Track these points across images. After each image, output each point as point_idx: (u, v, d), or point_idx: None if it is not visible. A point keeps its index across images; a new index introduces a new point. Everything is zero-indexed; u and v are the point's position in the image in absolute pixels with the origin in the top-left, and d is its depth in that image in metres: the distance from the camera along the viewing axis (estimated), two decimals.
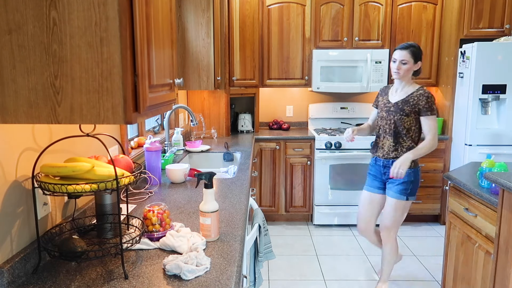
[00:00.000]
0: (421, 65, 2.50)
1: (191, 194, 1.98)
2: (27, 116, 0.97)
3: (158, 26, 1.16)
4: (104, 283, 1.12)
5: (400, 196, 2.52)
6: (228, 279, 1.14)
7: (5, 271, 1.07)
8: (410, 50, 2.44)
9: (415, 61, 2.47)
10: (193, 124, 2.74)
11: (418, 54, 2.47)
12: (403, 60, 2.44)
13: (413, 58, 2.45)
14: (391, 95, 2.60)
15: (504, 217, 1.73)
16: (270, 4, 3.95)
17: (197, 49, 2.69)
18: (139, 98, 0.99)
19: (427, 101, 2.43)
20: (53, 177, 1.17)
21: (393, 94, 2.58)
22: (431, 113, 2.44)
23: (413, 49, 2.44)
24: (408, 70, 2.46)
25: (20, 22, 0.93)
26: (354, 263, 3.23)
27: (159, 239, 1.37)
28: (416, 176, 2.52)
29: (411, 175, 2.49)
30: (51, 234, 1.26)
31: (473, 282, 2.11)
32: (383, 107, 2.60)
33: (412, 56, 2.45)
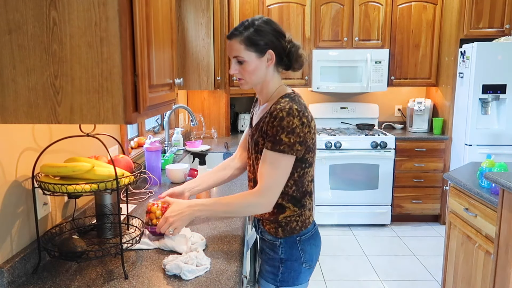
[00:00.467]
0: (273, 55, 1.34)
1: None
2: (27, 116, 0.97)
3: (158, 26, 1.16)
4: (104, 283, 1.12)
5: (267, 284, 1.46)
6: (228, 279, 1.14)
7: (5, 271, 1.07)
8: (244, 36, 1.32)
9: (258, 52, 1.33)
10: (193, 124, 2.74)
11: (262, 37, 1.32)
12: (237, 56, 1.34)
13: (253, 49, 1.32)
14: (255, 112, 1.53)
15: (504, 217, 1.73)
16: (270, 4, 3.95)
17: (197, 49, 2.69)
18: (139, 98, 0.99)
19: (273, 123, 1.28)
20: (53, 177, 1.17)
21: (256, 112, 1.51)
22: (272, 145, 1.28)
23: (250, 33, 1.31)
24: (253, 72, 1.35)
25: (20, 22, 0.93)
26: (354, 263, 3.23)
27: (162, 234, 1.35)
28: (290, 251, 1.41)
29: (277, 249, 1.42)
30: (51, 234, 1.26)
31: (473, 282, 2.11)
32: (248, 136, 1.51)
33: (248, 46, 1.32)
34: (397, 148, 3.86)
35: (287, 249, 1.41)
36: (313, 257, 1.45)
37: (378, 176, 3.85)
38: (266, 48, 1.33)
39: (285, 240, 1.41)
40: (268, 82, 1.40)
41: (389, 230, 3.90)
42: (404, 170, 3.91)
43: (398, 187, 3.93)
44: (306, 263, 1.43)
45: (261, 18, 1.35)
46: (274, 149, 1.28)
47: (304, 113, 1.30)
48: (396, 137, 3.86)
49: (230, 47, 1.36)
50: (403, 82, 4.09)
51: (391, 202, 3.94)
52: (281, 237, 1.41)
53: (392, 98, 4.46)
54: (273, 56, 1.35)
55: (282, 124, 1.27)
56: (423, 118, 4.10)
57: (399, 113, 4.48)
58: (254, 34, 1.32)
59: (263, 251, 1.49)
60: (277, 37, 1.35)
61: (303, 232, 1.41)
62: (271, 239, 1.44)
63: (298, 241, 1.41)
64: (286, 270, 1.42)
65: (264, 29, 1.33)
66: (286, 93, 1.37)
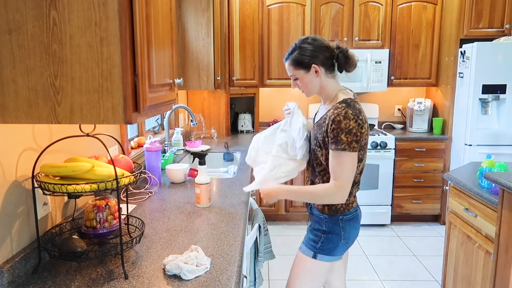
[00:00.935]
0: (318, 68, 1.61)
1: (191, 194, 1.98)
2: (27, 116, 0.97)
3: (158, 26, 1.16)
4: (104, 283, 1.12)
5: (307, 249, 1.73)
6: (228, 279, 1.14)
7: (5, 271, 1.07)
8: (291, 59, 1.64)
9: (305, 68, 1.62)
10: (193, 124, 2.74)
11: (305, 57, 1.61)
12: (291, 75, 1.68)
13: (301, 67, 1.62)
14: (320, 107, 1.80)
15: (504, 217, 1.73)
16: (270, 4, 3.95)
17: (197, 49, 2.69)
18: (139, 98, 0.99)
19: (332, 127, 1.55)
20: (53, 177, 1.17)
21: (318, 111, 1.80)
22: (335, 146, 1.55)
23: (294, 56, 1.63)
24: (306, 85, 1.66)
25: (20, 22, 0.93)
26: (354, 263, 3.23)
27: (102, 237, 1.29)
28: (330, 227, 1.68)
29: (322, 222, 1.70)
30: (51, 234, 1.26)
31: (473, 282, 2.11)
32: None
33: (297, 66, 1.63)
34: (397, 148, 3.86)
35: (330, 224, 1.68)
36: (350, 236, 1.71)
37: (378, 176, 3.85)
38: (310, 63, 1.61)
39: (330, 216, 1.68)
40: (325, 87, 1.67)
41: (389, 230, 3.90)
42: (404, 170, 3.91)
43: (398, 187, 3.94)
44: (344, 240, 1.70)
45: (302, 38, 1.66)
46: (337, 149, 1.55)
47: (358, 116, 1.56)
48: (396, 137, 3.86)
49: (287, 69, 1.69)
50: (403, 82, 4.09)
51: (391, 202, 3.94)
52: (326, 214, 1.69)
53: (392, 98, 4.46)
54: (318, 69, 1.62)
55: (341, 126, 1.53)
56: (423, 118, 4.10)
57: (399, 113, 4.48)
58: (298, 55, 1.63)
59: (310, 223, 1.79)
60: (318, 51, 1.62)
61: (346, 213, 1.68)
62: (318, 214, 1.72)
63: (341, 219, 1.68)
64: (325, 241, 1.69)
65: (305, 48, 1.62)
66: (343, 99, 1.62)
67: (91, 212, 1.27)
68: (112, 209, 1.29)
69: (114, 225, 1.29)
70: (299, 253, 1.78)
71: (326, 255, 1.69)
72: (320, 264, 1.71)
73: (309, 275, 1.73)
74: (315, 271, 1.73)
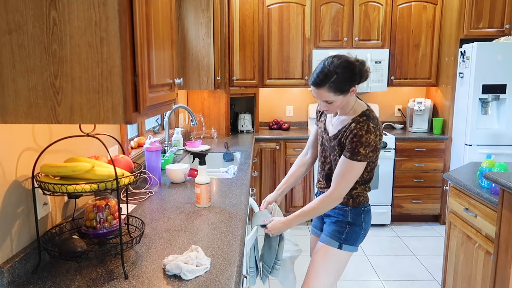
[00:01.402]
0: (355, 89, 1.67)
1: (191, 194, 1.98)
2: (27, 116, 0.97)
3: (158, 26, 1.16)
4: (104, 283, 1.12)
5: (331, 241, 1.80)
6: (228, 279, 1.14)
7: (5, 271, 1.07)
8: (329, 86, 1.61)
9: (342, 92, 1.63)
10: (193, 124, 2.74)
11: (346, 81, 1.62)
12: (327, 100, 1.66)
13: (339, 92, 1.62)
14: (329, 120, 1.85)
15: (504, 217, 1.73)
16: (270, 4, 3.95)
17: (197, 49, 2.69)
18: (139, 98, 0.99)
19: (352, 140, 1.64)
20: (53, 177, 1.17)
21: (330, 121, 1.83)
22: (350, 155, 1.64)
23: (333, 82, 1.60)
24: (340, 105, 1.68)
25: (20, 22, 0.93)
26: (354, 263, 3.23)
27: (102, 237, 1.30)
28: (354, 218, 1.80)
29: (347, 214, 1.80)
30: (51, 234, 1.26)
31: (473, 282, 2.11)
32: (320, 136, 1.90)
33: (336, 92, 1.62)
34: (397, 148, 3.86)
35: (354, 215, 1.80)
36: (368, 227, 1.85)
37: (378, 176, 3.85)
38: (350, 87, 1.65)
39: (354, 208, 1.81)
40: (348, 102, 1.72)
41: (389, 230, 3.90)
42: (404, 170, 3.91)
43: (398, 187, 3.94)
44: (365, 230, 1.84)
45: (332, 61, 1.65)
46: (352, 159, 1.65)
47: (378, 128, 1.66)
48: (396, 137, 3.86)
49: (320, 94, 1.65)
50: (403, 82, 4.09)
51: (391, 202, 3.94)
52: (351, 206, 1.81)
53: (392, 98, 4.47)
54: (355, 90, 1.67)
55: (361, 140, 1.63)
56: (423, 118, 4.10)
57: (399, 113, 4.48)
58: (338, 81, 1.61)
59: (330, 216, 1.85)
60: (354, 72, 1.64)
61: (366, 205, 1.84)
62: (342, 207, 1.81)
63: (362, 211, 1.82)
64: (350, 232, 1.80)
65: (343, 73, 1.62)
66: (362, 110, 1.70)
67: (91, 212, 1.27)
68: (112, 209, 1.29)
69: (114, 225, 1.29)
70: (321, 245, 1.83)
71: (350, 245, 1.80)
72: (344, 254, 1.81)
73: (335, 265, 1.82)
74: (340, 261, 1.82)
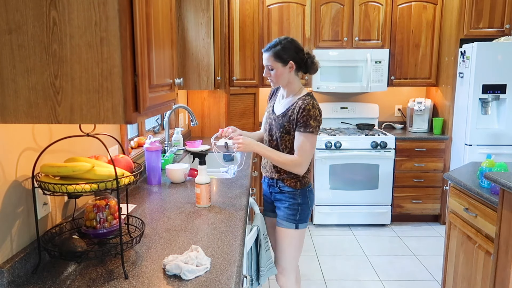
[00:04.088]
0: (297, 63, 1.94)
1: (191, 194, 1.98)
2: (27, 116, 0.97)
3: (158, 26, 1.16)
4: (104, 283, 1.12)
5: (288, 223, 2.03)
6: (228, 279, 1.14)
7: (5, 271, 1.07)
8: (272, 51, 1.91)
9: (283, 63, 1.91)
10: (193, 124, 2.74)
11: (286, 54, 1.90)
12: (268, 65, 1.94)
13: (279, 60, 1.90)
14: (277, 103, 2.09)
15: (504, 217, 1.73)
16: (270, 4, 3.95)
17: (197, 49, 2.69)
18: (139, 98, 0.99)
19: (302, 114, 1.87)
20: (53, 177, 1.17)
21: (279, 102, 2.07)
22: (303, 129, 1.88)
23: (276, 50, 1.90)
24: (279, 76, 1.94)
25: (20, 22, 0.93)
26: (354, 263, 3.23)
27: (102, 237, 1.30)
28: (303, 199, 2.03)
29: (297, 196, 2.02)
30: (51, 234, 1.26)
31: (473, 282, 2.11)
32: (267, 118, 2.09)
33: (276, 59, 1.90)
34: (397, 148, 3.86)
35: (302, 196, 2.03)
36: (312, 204, 2.12)
37: (378, 176, 3.85)
38: (288, 60, 1.92)
39: (301, 190, 2.03)
40: (292, 82, 1.99)
41: (389, 230, 3.90)
42: (404, 170, 3.91)
43: (398, 187, 3.94)
44: (311, 207, 2.09)
45: (284, 37, 1.96)
46: (306, 131, 1.89)
47: (319, 107, 1.94)
48: (396, 137, 3.86)
49: (265, 58, 1.95)
50: (403, 82, 4.09)
51: (391, 202, 3.94)
52: (299, 188, 2.02)
53: (392, 98, 4.47)
54: (293, 66, 1.93)
55: (310, 114, 1.88)
56: (423, 118, 4.10)
57: (399, 113, 4.48)
58: (280, 50, 1.91)
59: (281, 201, 2.06)
60: (297, 52, 1.94)
61: (309, 186, 2.07)
62: (291, 191, 2.03)
63: (308, 191, 2.05)
64: (301, 212, 2.04)
65: (286, 46, 1.92)
66: (307, 92, 1.99)
67: (91, 212, 1.27)
68: (112, 209, 1.29)
69: (114, 225, 1.29)
70: (281, 229, 2.06)
71: (303, 223, 2.06)
72: (301, 232, 2.07)
73: (295, 243, 2.08)
74: (299, 238, 2.08)
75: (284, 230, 2.05)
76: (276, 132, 2.00)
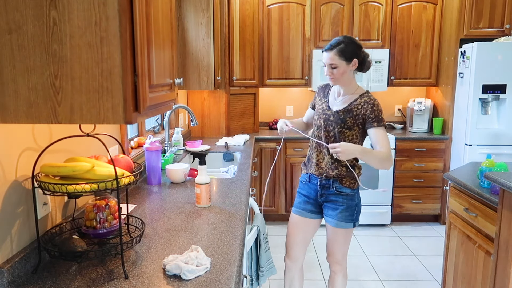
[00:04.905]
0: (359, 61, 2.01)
1: (191, 194, 1.98)
2: (27, 116, 0.97)
3: (158, 26, 1.16)
4: (104, 283, 1.12)
5: (347, 224, 2.09)
6: (228, 279, 1.14)
7: (5, 271, 1.07)
8: (337, 50, 1.96)
9: (347, 60, 1.97)
10: (193, 124, 2.74)
11: (350, 51, 1.97)
12: (332, 64, 1.97)
13: (344, 58, 1.96)
14: (332, 100, 2.12)
15: (504, 217, 1.73)
16: (270, 4, 3.95)
17: (197, 49, 2.69)
18: (139, 98, 0.99)
19: (373, 109, 1.97)
20: (53, 177, 1.17)
21: (334, 99, 2.11)
22: (377, 123, 1.96)
23: (340, 48, 1.96)
24: (342, 74, 1.99)
25: (20, 22, 0.93)
26: (354, 263, 3.23)
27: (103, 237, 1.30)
28: (358, 198, 2.12)
29: (354, 197, 2.09)
30: (51, 234, 1.26)
31: (473, 282, 2.11)
32: (321, 114, 2.11)
33: (341, 57, 1.96)
34: (397, 148, 3.86)
35: (357, 196, 2.11)
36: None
37: (378, 176, 3.85)
38: (352, 57, 1.98)
39: (356, 190, 2.09)
40: (351, 80, 2.05)
41: (389, 230, 3.90)
42: (404, 170, 3.91)
43: (398, 187, 3.94)
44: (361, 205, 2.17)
45: (346, 36, 2.01)
46: (380, 125, 1.97)
47: None
48: (396, 137, 3.86)
49: (327, 57, 1.99)
50: (403, 82, 4.09)
51: (391, 202, 3.94)
52: (355, 188, 2.08)
53: (392, 98, 4.47)
54: (356, 63, 2.00)
55: (380, 108, 1.99)
56: (423, 118, 4.10)
57: (399, 113, 4.49)
58: (345, 47, 1.96)
59: (337, 202, 2.08)
60: (359, 50, 2.00)
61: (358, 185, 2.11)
62: (349, 192, 2.07)
63: (358, 191, 2.12)
64: (358, 211, 2.12)
65: (351, 44, 1.98)
66: (366, 90, 2.08)
67: (91, 212, 1.27)
68: (112, 209, 1.29)
69: (114, 225, 1.29)
70: (339, 230, 2.10)
71: (358, 221, 2.14)
72: (353, 229, 2.15)
73: (349, 239, 2.18)
74: (350, 234, 2.17)
75: (340, 230, 2.10)
76: (335, 127, 2.04)
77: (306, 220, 2.20)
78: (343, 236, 2.13)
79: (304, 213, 2.20)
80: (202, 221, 1.60)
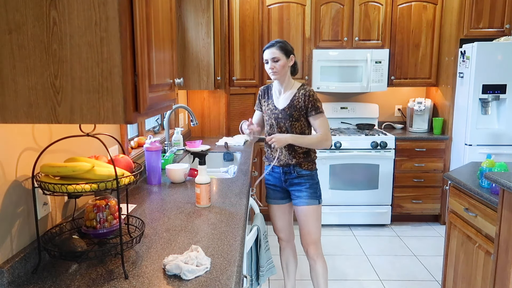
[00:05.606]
0: (294, 59, 2.31)
1: (191, 194, 1.98)
2: (27, 116, 0.97)
3: (158, 26, 1.16)
4: (104, 283, 1.12)
5: (313, 201, 2.32)
6: (228, 279, 1.14)
7: (5, 271, 1.07)
8: (277, 46, 2.24)
9: (286, 55, 2.26)
10: (193, 124, 2.74)
11: (288, 49, 2.27)
12: (274, 57, 2.23)
13: (284, 53, 2.24)
14: (276, 99, 2.37)
15: (504, 217, 1.73)
16: (270, 4, 3.95)
17: (197, 49, 2.69)
18: (139, 98, 0.99)
19: (309, 100, 2.22)
20: (53, 177, 1.17)
21: (278, 98, 2.36)
22: (315, 112, 2.23)
23: (280, 44, 2.25)
24: (283, 67, 2.25)
25: (20, 22, 0.93)
26: (354, 263, 3.23)
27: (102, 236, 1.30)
28: (317, 178, 2.38)
29: (314, 177, 2.36)
30: (51, 234, 1.26)
31: (473, 282, 2.11)
32: (271, 114, 2.35)
33: (281, 51, 2.24)
34: (397, 148, 3.86)
35: (316, 176, 2.38)
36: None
37: (378, 176, 3.85)
38: (289, 53, 2.28)
39: (315, 172, 2.37)
40: (289, 77, 2.33)
41: (389, 230, 3.90)
42: (404, 170, 3.91)
43: (398, 187, 3.94)
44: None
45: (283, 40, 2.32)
46: (317, 113, 2.24)
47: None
48: (396, 137, 3.86)
49: (269, 52, 2.25)
50: (403, 82, 4.09)
51: (391, 202, 3.94)
52: (313, 169, 2.36)
53: (392, 98, 4.47)
54: (293, 58, 2.31)
55: (315, 98, 2.25)
56: (423, 118, 4.10)
57: (399, 113, 4.48)
58: (284, 45, 2.27)
59: (301, 184, 2.33)
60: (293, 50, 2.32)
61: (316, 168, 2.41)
62: (309, 173, 2.34)
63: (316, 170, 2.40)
64: (319, 188, 2.38)
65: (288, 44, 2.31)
66: (302, 83, 2.34)
67: (91, 212, 1.27)
68: (112, 209, 1.29)
69: (114, 225, 1.29)
70: (307, 208, 2.32)
71: (321, 198, 2.38)
72: (320, 206, 2.38)
73: (318, 217, 2.38)
74: (320, 212, 2.39)
75: (310, 207, 2.32)
76: (286, 123, 2.28)
77: (280, 207, 2.48)
78: (314, 213, 2.34)
79: (276, 201, 2.48)
80: (202, 221, 1.61)
